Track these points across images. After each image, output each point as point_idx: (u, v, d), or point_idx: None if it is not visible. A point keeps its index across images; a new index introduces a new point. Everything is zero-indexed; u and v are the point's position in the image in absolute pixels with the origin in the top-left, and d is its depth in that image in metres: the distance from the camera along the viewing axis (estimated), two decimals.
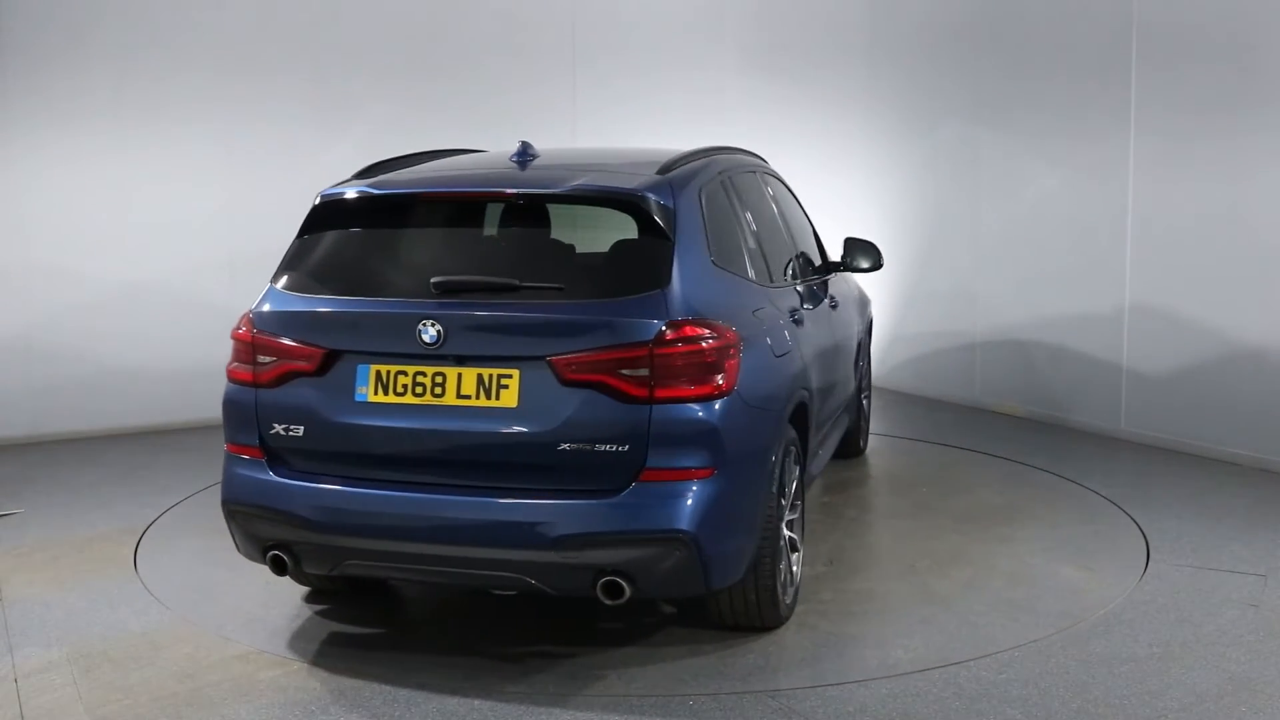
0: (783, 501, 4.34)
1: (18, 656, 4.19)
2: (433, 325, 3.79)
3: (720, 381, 3.84)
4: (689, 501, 3.75)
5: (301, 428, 4.00)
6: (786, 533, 4.44)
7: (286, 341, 4.02)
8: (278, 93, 8.14)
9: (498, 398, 3.81)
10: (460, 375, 3.84)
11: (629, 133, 9.20)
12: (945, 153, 8.92)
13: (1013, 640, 4.25)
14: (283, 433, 4.03)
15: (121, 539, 5.54)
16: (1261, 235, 6.66)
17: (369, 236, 4.24)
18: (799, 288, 5.25)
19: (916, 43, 9.09)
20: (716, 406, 3.81)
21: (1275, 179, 6.57)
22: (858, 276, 6.90)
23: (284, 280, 4.18)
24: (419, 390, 3.87)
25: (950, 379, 8.94)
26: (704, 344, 3.81)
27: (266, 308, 4.13)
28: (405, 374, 3.89)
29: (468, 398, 3.83)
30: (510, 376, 3.80)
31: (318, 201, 4.30)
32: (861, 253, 6.02)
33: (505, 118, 8.63)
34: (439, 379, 3.86)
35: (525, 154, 4.56)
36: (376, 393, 3.91)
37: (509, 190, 4.26)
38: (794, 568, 4.53)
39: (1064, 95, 7.81)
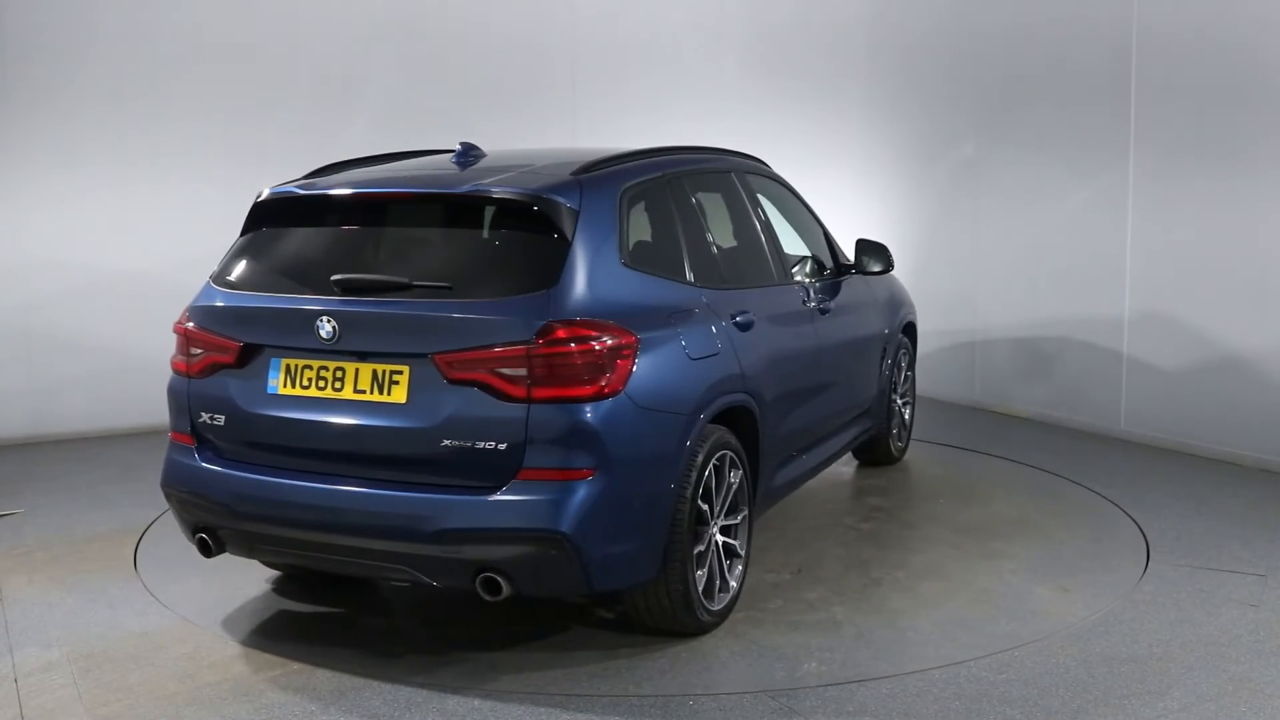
0: (703, 506, 4.23)
1: (18, 656, 4.19)
2: (329, 321, 3.94)
3: (605, 383, 3.83)
4: (565, 501, 3.76)
5: (223, 417, 4.22)
6: (720, 538, 4.38)
7: (211, 334, 4.25)
8: (279, 95, 8.15)
9: (389, 393, 3.92)
10: (358, 370, 3.98)
11: (629, 135, 9.19)
12: (947, 159, 8.93)
13: (941, 659, 4.10)
14: (209, 421, 4.26)
15: (121, 539, 5.54)
16: (1260, 243, 6.67)
17: (292, 235, 4.42)
18: (767, 290, 5.09)
19: (916, 69, 9.13)
20: (599, 408, 3.80)
21: (1273, 198, 6.59)
22: (902, 278, 6.84)
23: (218, 276, 4.39)
24: (321, 384, 4.03)
25: (951, 379, 8.94)
26: (584, 345, 3.80)
27: (200, 303, 4.36)
28: (310, 368, 4.06)
29: (363, 392, 3.96)
30: (401, 373, 3.92)
31: (256, 201, 4.49)
32: (870, 255, 5.94)
33: (506, 124, 8.66)
34: (339, 373, 4.01)
35: (464, 155, 4.66)
36: (285, 385, 4.09)
37: (411, 191, 4.34)
38: (729, 575, 4.44)
39: (1065, 111, 7.83)
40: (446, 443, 3.82)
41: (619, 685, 3.92)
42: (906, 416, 7.01)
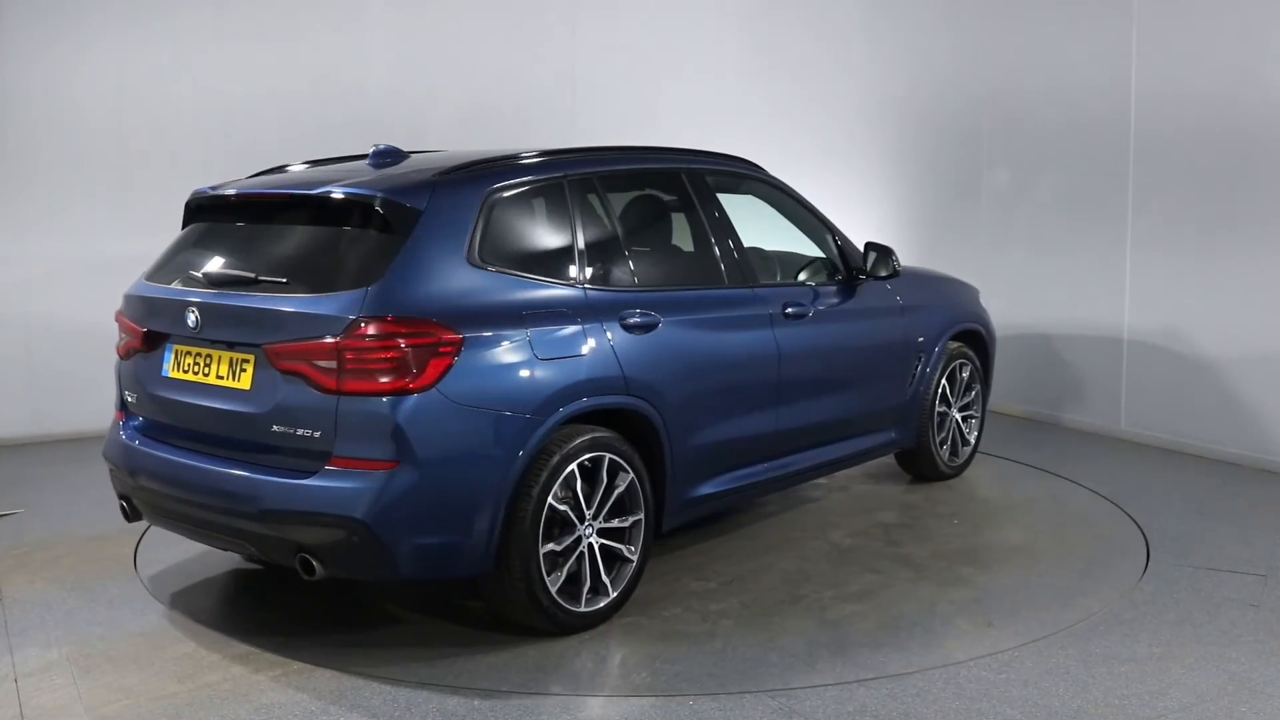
0: (559, 507, 4.20)
1: (18, 656, 4.19)
2: (193, 312, 4.28)
3: (413, 378, 3.91)
4: (366, 490, 3.90)
5: (135, 395, 4.66)
6: (599, 541, 4.38)
7: (128, 322, 4.68)
8: (282, 95, 8.16)
9: (239, 379, 4.22)
10: (220, 357, 4.29)
11: (629, 138, 9.20)
12: (946, 163, 8.94)
13: (785, 683, 3.92)
14: (129, 399, 4.70)
15: (121, 539, 5.54)
16: (1259, 244, 6.68)
17: (201, 232, 4.78)
18: (699, 294, 4.96)
19: (913, 128, 9.14)
20: (404, 403, 3.90)
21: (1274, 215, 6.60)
22: (961, 279, 6.83)
23: (147, 270, 4.78)
24: (195, 369, 4.38)
25: None
26: (388, 341, 3.90)
27: (128, 293, 4.75)
28: (190, 354, 4.41)
29: (223, 378, 4.27)
30: (248, 361, 4.19)
31: (186, 202, 4.85)
32: (873, 259, 5.75)
33: (505, 129, 8.66)
34: (208, 359, 4.34)
35: (376, 157, 4.76)
36: (174, 369, 4.46)
37: (278, 192, 4.54)
38: (609, 579, 4.41)
39: (1066, 137, 7.84)
40: (275, 428, 4.06)
41: (432, 677, 3.94)
42: (968, 432, 6.57)
